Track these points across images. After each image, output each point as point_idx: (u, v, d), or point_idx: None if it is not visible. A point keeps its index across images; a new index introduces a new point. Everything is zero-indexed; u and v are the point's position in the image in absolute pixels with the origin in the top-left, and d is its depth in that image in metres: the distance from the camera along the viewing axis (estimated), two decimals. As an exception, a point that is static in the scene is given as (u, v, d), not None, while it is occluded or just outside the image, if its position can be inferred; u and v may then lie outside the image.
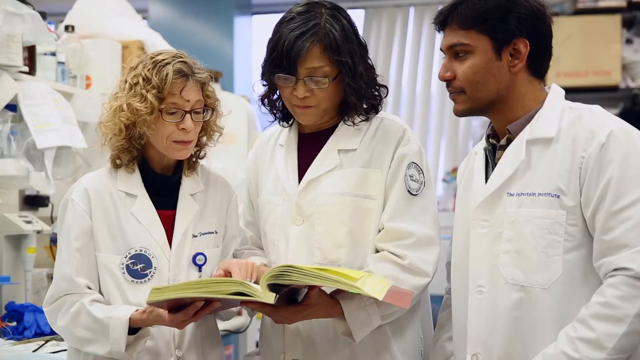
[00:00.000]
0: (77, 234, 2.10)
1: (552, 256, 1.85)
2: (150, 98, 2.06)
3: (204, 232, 2.20)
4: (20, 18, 2.91)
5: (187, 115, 2.10)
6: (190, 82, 2.10)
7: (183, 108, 2.09)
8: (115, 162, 2.17)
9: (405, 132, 2.19)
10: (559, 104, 1.95)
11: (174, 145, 2.11)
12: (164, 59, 2.10)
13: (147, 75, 2.07)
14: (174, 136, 2.10)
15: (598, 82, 5.52)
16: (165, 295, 1.90)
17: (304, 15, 2.10)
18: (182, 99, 2.09)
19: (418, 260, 2.11)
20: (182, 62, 2.10)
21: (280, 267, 1.86)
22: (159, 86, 2.06)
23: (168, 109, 2.08)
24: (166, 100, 2.08)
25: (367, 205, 2.14)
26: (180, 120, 2.09)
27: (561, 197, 1.85)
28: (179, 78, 2.08)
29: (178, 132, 2.10)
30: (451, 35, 1.97)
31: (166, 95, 2.07)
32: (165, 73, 2.06)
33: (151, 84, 2.06)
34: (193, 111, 2.11)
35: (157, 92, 2.06)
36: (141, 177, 2.17)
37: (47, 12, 3.26)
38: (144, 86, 2.07)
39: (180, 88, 2.08)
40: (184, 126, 2.09)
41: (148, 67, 2.09)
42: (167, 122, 2.08)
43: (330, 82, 2.10)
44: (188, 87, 2.10)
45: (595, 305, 1.78)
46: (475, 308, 1.95)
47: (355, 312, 2.05)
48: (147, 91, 2.06)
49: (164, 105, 2.08)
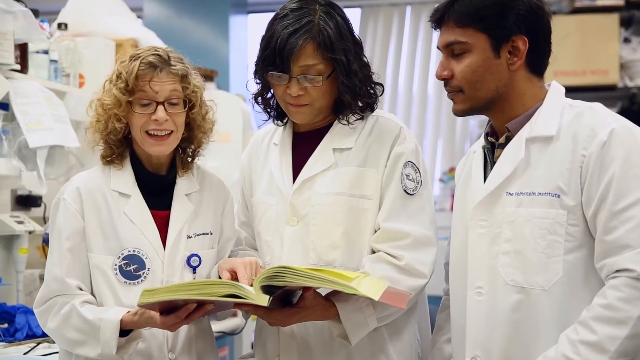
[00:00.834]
0: (68, 234, 2.08)
1: (552, 257, 1.82)
2: (115, 92, 2.06)
3: (199, 233, 2.17)
4: (12, 15, 2.90)
5: (159, 107, 2.08)
6: (160, 73, 2.08)
7: (155, 99, 2.08)
8: (105, 159, 2.16)
9: (402, 131, 2.17)
10: (559, 101, 1.93)
11: (148, 138, 2.09)
12: (138, 53, 2.10)
13: (119, 69, 2.08)
14: (145, 126, 2.08)
15: (596, 81, 5.51)
16: (156, 297, 1.87)
17: (298, 12, 2.08)
18: (152, 90, 2.07)
19: (415, 261, 2.08)
20: (156, 55, 2.09)
21: (274, 268, 1.84)
22: (126, 79, 2.06)
23: (139, 101, 2.07)
24: (136, 92, 2.07)
25: (363, 205, 2.12)
26: (151, 112, 2.07)
27: (561, 197, 1.82)
28: (146, 69, 2.07)
29: (148, 123, 2.08)
30: (448, 33, 1.93)
31: (134, 87, 2.06)
32: (133, 65, 2.06)
33: (120, 78, 2.07)
34: (167, 102, 2.08)
35: (125, 85, 2.06)
36: (135, 176, 2.15)
37: (41, 10, 3.24)
38: (115, 81, 2.08)
39: (148, 79, 2.07)
40: (156, 117, 2.07)
41: (125, 61, 2.10)
42: (137, 113, 2.07)
43: (324, 80, 2.08)
44: (157, 78, 2.07)
45: (597, 307, 1.75)
46: (474, 310, 1.92)
47: (351, 314, 2.03)
48: (115, 85, 2.07)
49: (134, 97, 2.07)
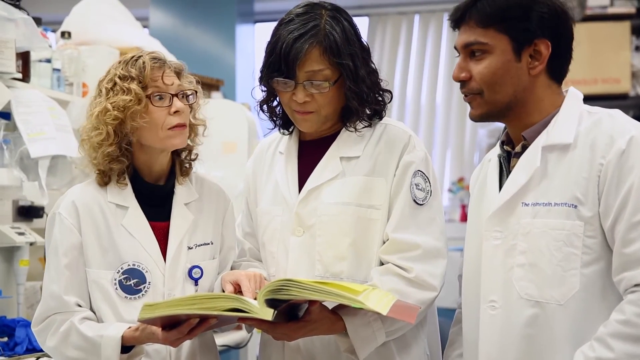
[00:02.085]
0: (65, 250, 2.05)
1: (568, 270, 1.78)
2: (135, 87, 2.02)
3: (200, 243, 2.14)
4: (13, 23, 2.88)
5: (174, 98, 2.06)
6: (167, 68, 2.08)
7: (168, 92, 2.06)
8: (103, 179, 2.11)
9: (411, 139, 2.13)
10: (577, 108, 1.88)
11: (170, 132, 2.06)
12: (133, 55, 2.08)
13: (123, 73, 2.05)
14: (169, 122, 2.05)
15: (607, 90, 5.48)
16: (157, 312, 1.83)
17: (303, 16, 2.05)
18: (164, 84, 2.06)
19: (424, 273, 2.04)
20: (151, 54, 2.09)
21: (278, 282, 1.80)
22: (139, 76, 2.04)
23: (154, 95, 2.05)
24: (149, 88, 2.04)
25: (371, 215, 2.08)
26: (170, 105, 2.05)
27: (578, 207, 1.77)
28: (156, 64, 2.06)
29: (172, 117, 2.05)
30: (468, 33, 1.88)
31: (148, 82, 2.04)
32: (142, 62, 2.05)
33: (130, 77, 2.04)
34: (178, 96, 2.07)
35: (139, 82, 2.03)
36: (132, 187, 2.11)
37: (45, 20, 3.23)
38: (123, 82, 2.04)
39: (160, 73, 2.06)
40: (176, 108, 2.05)
41: (120, 67, 2.07)
42: (157, 107, 2.04)
43: (331, 86, 2.04)
44: (167, 73, 2.07)
45: (614, 323, 1.70)
46: (487, 324, 1.88)
47: (359, 329, 1.99)
48: (129, 84, 2.03)
49: (149, 91, 2.04)
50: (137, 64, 2.04)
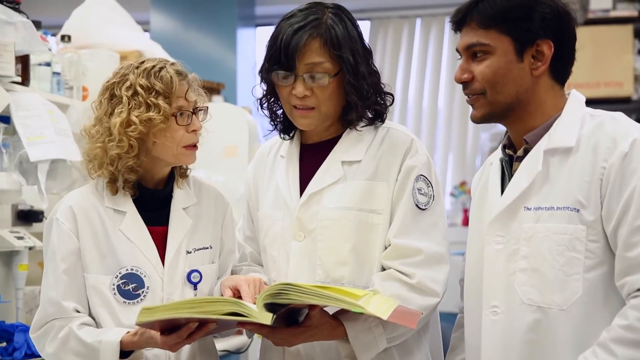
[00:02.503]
0: (63, 255, 2.03)
1: (571, 275, 1.76)
2: (162, 104, 1.99)
3: (199, 247, 2.12)
4: (13, 26, 2.86)
5: (194, 116, 2.05)
6: (186, 82, 2.06)
7: (188, 109, 2.05)
8: (114, 186, 2.08)
9: (413, 143, 2.12)
10: (579, 111, 1.86)
11: (184, 151, 2.05)
12: (154, 66, 2.03)
13: (147, 84, 2.00)
14: (185, 141, 2.05)
15: (610, 93, 5.46)
16: (155, 315, 1.81)
17: (305, 11, 2.06)
18: (187, 101, 2.04)
19: (427, 279, 2.02)
20: (172, 64, 2.06)
21: (277, 285, 1.78)
22: (165, 91, 2.00)
23: (176, 113, 2.03)
24: (173, 104, 2.02)
25: (373, 220, 2.06)
26: (188, 123, 2.04)
27: (581, 211, 1.76)
28: (181, 80, 2.04)
29: (189, 136, 2.05)
30: (470, 34, 1.87)
31: (173, 99, 2.02)
32: (169, 76, 2.01)
33: (155, 91, 2.00)
34: (197, 110, 2.07)
35: (165, 97, 2.00)
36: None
37: (45, 24, 3.21)
38: (147, 95, 1.99)
39: (184, 90, 2.04)
40: (194, 127, 2.06)
41: (142, 75, 2.01)
42: (179, 125, 2.03)
43: (331, 79, 2.03)
44: (191, 88, 2.06)
45: (617, 328, 1.69)
46: (490, 329, 1.87)
47: (360, 334, 1.97)
48: (156, 98, 1.99)
49: (173, 109, 2.02)
50: (164, 78, 2.00)
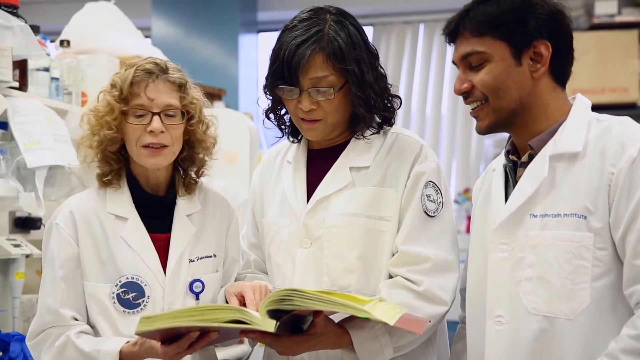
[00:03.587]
0: (62, 262, 2.01)
1: (578, 283, 1.73)
2: (109, 98, 1.99)
3: (202, 256, 2.09)
4: (10, 31, 2.83)
5: (154, 117, 1.99)
6: (156, 81, 2.01)
7: (150, 109, 2.00)
8: (102, 179, 2.07)
9: (423, 149, 2.10)
10: (585, 115, 1.84)
11: (143, 150, 2.00)
12: (134, 62, 2.03)
13: (114, 80, 2.02)
14: (142, 140, 2.00)
15: (615, 99, 5.48)
16: (155, 324, 1.76)
17: (307, 22, 2.02)
18: (147, 99, 2.00)
19: (435, 287, 2.00)
20: (153, 63, 2.03)
21: (281, 291, 1.74)
22: (121, 87, 1.99)
23: (134, 111, 1.99)
24: (131, 101, 2.00)
25: (381, 227, 2.03)
26: (148, 123, 1.99)
27: (588, 218, 1.73)
28: (142, 76, 2.00)
29: (145, 136, 1.99)
30: (464, 44, 1.85)
31: (128, 94, 1.99)
32: (127, 73, 2.00)
33: (115, 87, 2.01)
34: (164, 113, 2.00)
35: (120, 93, 1.99)
36: (132, 198, 2.07)
37: (44, 30, 3.18)
38: (109, 90, 2.01)
39: (143, 86, 2.00)
40: (151, 128, 1.99)
41: (120, 72, 2.04)
42: (132, 124, 1.99)
43: (337, 93, 2.00)
44: (153, 86, 2.00)
45: (625, 338, 1.66)
46: (494, 340, 1.83)
47: (366, 343, 1.94)
48: (108, 93, 2.00)
49: (129, 107, 1.99)
50: (125, 74, 2.01)
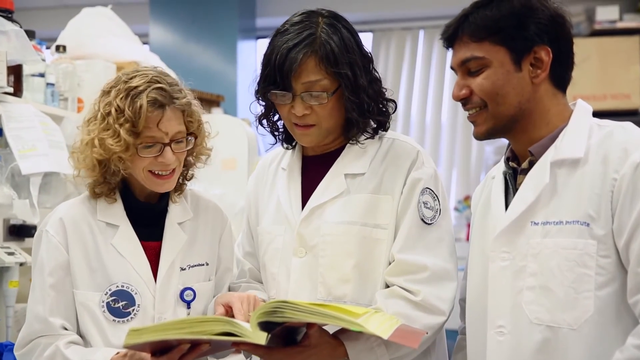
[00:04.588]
0: (51, 269, 1.98)
1: (581, 292, 1.70)
2: (124, 134, 1.90)
3: (193, 264, 2.07)
4: (5, 36, 2.81)
5: (166, 148, 1.95)
6: (167, 112, 1.94)
7: (161, 141, 1.94)
8: (94, 191, 2.04)
9: (419, 155, 2.07)
10: (587, 121, 1.81)
11: (153, 177, 1.97)
12: (137, 86, 1.92)
13: (120, 106, 1.91)
14: (150, 167, 1.96)
15: (617, 105, 5.48)
16: (143, 337, 1.73)
17: (298, 25, 1.98)
18: (160, 132, 1.93)
19: (432, 297, 1.97)
20: (158, 88, 1.93)
21: (272, 303, 1.71)
22: (133, 120, 1.90)
23: (145, 143, 1.93)
24: (142, 134, 1.92)
25: (377, 235, 2.00)
26: (159, 154, 1.94)
27: (591, 225, 1.70)
28: (154, 109, 1.92)
29: (155, 164, 1.95)
30: (463, 49, 1.82)
31: (142, 129, 1.91)
32: (139, 105, 1.90)
33: (124, 117, 1.90)
34: (174, 142, 1.96)
35: (132, 126, 1.90)
36: (124, 205, 2.04)
37: (40, 36, 3.17)
38: (117, 119, 1.91)
39: (156, 121, 1.93)
40: (163, 159, 1.95)
41: (121, 95, 1.92)
42: (143, 157, 1.94)
43: (330, 97, 1.97)
44: (166, 118, 1.94)
45: (631, 348, 1.63)
46: (495, 351, 1.80)
47: (361, 354, 1.91)
48: (121, 125, 1.90)
49: (140, 139, 1.92)
50: (135, 105, 1.90)
